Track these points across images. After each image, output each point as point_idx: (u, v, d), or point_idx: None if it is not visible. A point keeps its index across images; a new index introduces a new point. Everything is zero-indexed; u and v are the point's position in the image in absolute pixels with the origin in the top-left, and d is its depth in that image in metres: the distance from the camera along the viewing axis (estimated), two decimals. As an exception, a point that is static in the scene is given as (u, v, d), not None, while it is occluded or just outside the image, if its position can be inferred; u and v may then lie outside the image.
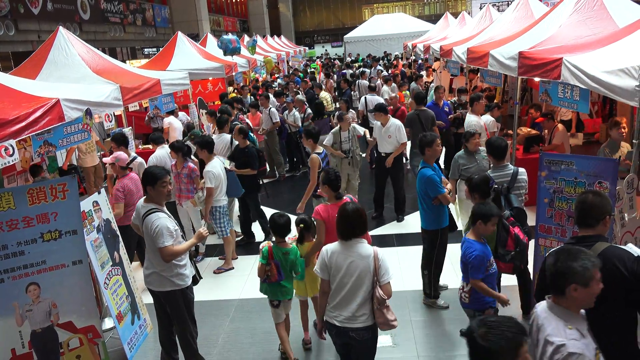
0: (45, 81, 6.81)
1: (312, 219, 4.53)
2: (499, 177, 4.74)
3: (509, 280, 4.80)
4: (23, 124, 4.65)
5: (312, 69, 22.27)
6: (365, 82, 13.64)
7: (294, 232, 4.58)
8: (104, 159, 6.58)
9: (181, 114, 10.78)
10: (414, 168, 9.67)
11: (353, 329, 3.44)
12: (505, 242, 4.11)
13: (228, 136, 7.81)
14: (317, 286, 4.00)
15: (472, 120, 7.37)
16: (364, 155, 9.03)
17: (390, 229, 7.57)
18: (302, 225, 4.53)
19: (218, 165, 6.41)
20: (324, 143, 7.53)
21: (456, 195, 5.77)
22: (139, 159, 6.82)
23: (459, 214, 6.04)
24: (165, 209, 4.25)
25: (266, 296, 4.48)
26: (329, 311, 3.55)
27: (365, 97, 12.13)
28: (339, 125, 7.67)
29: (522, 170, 4.86)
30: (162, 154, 6.97)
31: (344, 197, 4.53)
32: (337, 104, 11.68)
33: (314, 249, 4.44)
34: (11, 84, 5.29)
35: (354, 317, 3.43)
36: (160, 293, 4.26)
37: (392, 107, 9.73)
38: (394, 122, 7.55)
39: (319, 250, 4.01)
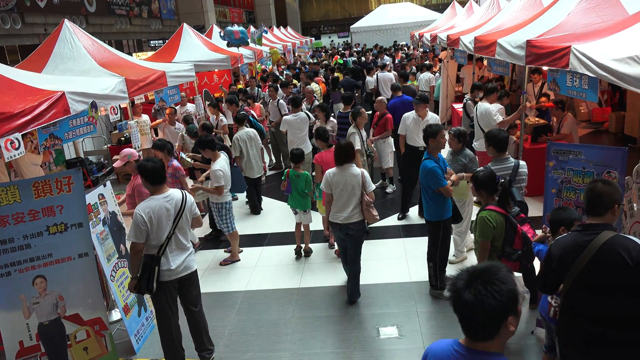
0: (50, 74, 6.82)
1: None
2: (500, 170, 4.61)
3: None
4: (28, 117, 4.67)
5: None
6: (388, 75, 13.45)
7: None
8: (115, 165, 6.15)
9: (190, 105, 10.75)
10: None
11: (350, 223, 5.05)
12: (512, 241, 3.97)
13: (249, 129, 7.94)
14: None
15: (490, 107, 7.05)
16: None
17: (396, 220, 7.52)
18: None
19: (225, 163, 6.20)
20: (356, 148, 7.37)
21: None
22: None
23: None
24: None
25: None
26: (334, 214, 5.13)
27: (377, 74, 12.57)
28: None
29: (522, 163, 4.78)
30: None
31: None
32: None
33: (318, 182, 6.12)
34: (17, 77, 5.30)
35: (350, 216, 5.04)
36: (189, 275, 4.28)
37: (378, 112, 8.18)
38: (433, 115, 7.36)
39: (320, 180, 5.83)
